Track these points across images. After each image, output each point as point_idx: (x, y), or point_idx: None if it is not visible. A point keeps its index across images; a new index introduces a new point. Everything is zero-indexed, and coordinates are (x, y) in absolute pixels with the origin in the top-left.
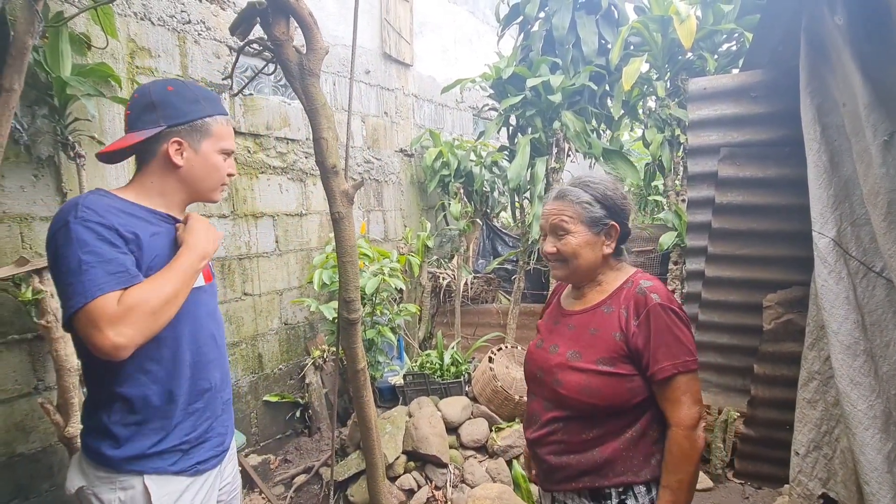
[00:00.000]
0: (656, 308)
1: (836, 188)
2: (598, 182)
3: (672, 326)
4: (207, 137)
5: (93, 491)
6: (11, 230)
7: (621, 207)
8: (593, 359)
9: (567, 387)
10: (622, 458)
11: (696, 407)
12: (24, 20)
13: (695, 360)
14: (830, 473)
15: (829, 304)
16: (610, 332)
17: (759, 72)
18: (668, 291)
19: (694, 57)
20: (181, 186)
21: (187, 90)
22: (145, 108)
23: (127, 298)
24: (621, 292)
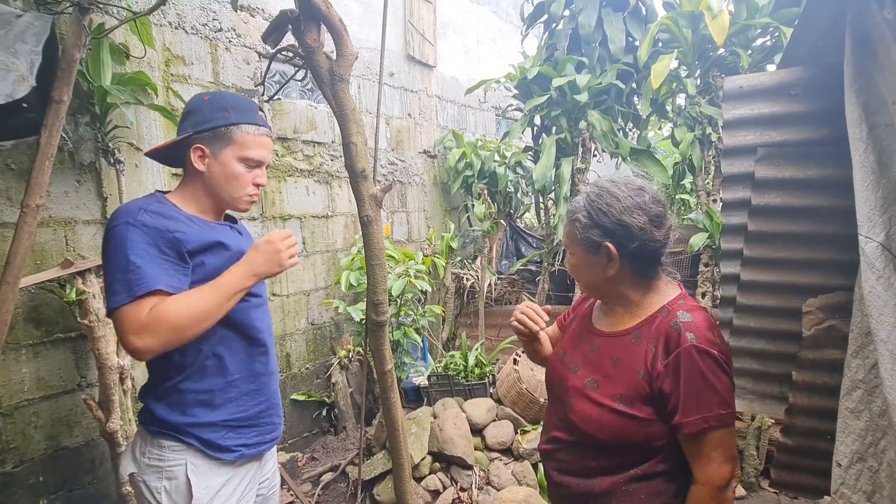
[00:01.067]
0: (689, 351)
1: (885, 190)
2: (601, 193)
3: (707, 374)
4: (229, 145)
5: (142, 478)
6: (56, 234)
7: (618, 223)
8: (610, 393)
9: (578, 414)
10: (621, 492)
11: (728, 466)
12: (73, 34)
13: (731, 414)
14: (876, 487)
15: (878, 311)
16: (634, 367)
17: (799, 69)
18: (709, 327)
19: (726, 53)
20: (206, 192)
21: (221, 100)
22: (185, 116)
23: (157, 311)
24: (654, 322)
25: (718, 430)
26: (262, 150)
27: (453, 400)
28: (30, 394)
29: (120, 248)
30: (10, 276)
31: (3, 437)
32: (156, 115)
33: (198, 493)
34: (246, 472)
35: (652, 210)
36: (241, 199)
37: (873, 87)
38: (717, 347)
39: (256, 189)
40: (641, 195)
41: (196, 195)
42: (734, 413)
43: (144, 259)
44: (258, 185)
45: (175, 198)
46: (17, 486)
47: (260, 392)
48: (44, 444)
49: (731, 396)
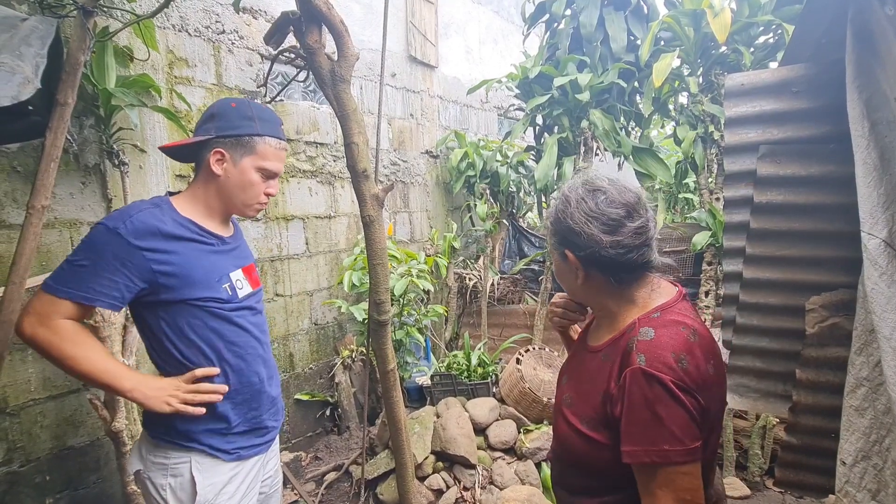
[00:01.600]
0: (635, 374)
1: (888, 187)
2: (561, 197)
3: (652, 402)
4: (250, 154)
5: (148, 476)
6: (62, 235)
7: (570, 231)
8: (579, 413)
9: (557, 431)
10: None
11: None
12: (77, 38)
13: (681, 451)
14: (881, 485)
15: (881, 308)
16: (598, 388)
17: (801, 66)
18: (672, 348)
19: (728, 51)
20: (219, 196)
21: (247, 108)
22: (207, 118)
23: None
24: (621, 338)
25: (664, 467)
26: (280, 164)
27: (456, 399)
28: (36, 394)
29: (85, 244)
30: (15, 277)
31: (10, 436)
32: (159, 117)
33: (202, 490)
34: (249, 469)
35: (606, 214)
36: (251, 206)
37: (875, 84)
38: (673, 374)
39: (266, 198)
40: (595, 197)
41: (206, 197)
42: (690, 451)
43: (96, 265)
44: (269, 194)
45: (181, 200)
46: (23, 485)
47: (256, 399)
48: (50, 444)
49: (685, 432)
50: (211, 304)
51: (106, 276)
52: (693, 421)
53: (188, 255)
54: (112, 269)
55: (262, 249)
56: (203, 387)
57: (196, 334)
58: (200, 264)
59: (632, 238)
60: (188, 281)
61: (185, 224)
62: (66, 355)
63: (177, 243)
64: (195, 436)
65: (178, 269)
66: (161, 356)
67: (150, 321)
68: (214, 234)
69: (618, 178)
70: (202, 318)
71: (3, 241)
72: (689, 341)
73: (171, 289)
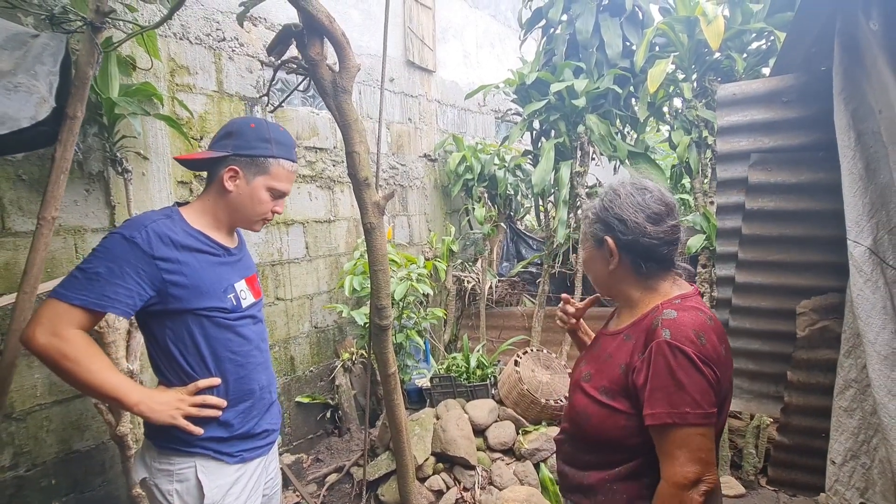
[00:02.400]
0: (661, 346)
1: (873, 196)
2: (608, 191)
3: (676, 370)
4: (263, 174)
5: (154, 482)
6: (66, 242)
7: (617, 219)
8: (598, 385)
9: (574, 405)
10: (605, 489)
11: (693, 467)
12: (86, 53)
13: (700, 415)
14: (869, 483)
15: (866, 313)
16: (619, 361)
17: (791, 76)
18: (693, 326)
19: (722, 57)
20: (227, 210)
21: (265, 130)
22: (226, 135)
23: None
24: (644, 319)
25: (683, 427)
26: (290, 185)
27: (455, 401)
28: (42, 399)
29: (100, 253)
30: (27, 286)
31: (17, 441)
32: (161, 125)
33: (209, 493)
34: (253, 471)
35: (651, 208)
36: (257, 222)
37: (861, 96)
38: (695, 347)
39: (272, 215)
40: (643, 194)
41: (215, 210)
42: (707, 415)
43: (111, 273)
44: (276, 212)
45: (190, 211)
46: (30, 488)
47: (256, 406)
48: (56, 448)
49: (704, 397)
50: (216, 313)
51: (120, 284)
52: (711, 388)
53: (197, 265)
54: (127, 277)
55: (262, 254)
56: (207, 399)
57: (199, 343)
58: (208, 275)
59: (668, 233)
60: (196, 291)
61: (195, 235)
62: (77, 367)
63: (188, 254)
64: (198, 441)
65: (188, 280)
66: (163, 364)
67: (155, 330)
68: (222, 246)
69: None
70: (206, 327)
71: (10, 249)
72: (707, 323)
73: (179, 298)
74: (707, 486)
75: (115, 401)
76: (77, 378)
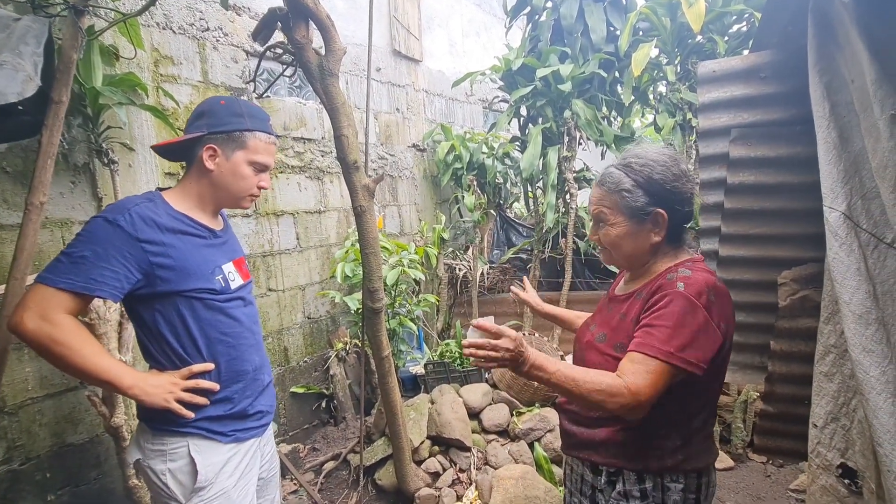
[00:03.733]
0: (676, 294)
1: (846, 163)
2: (645, 162)
3: (683, 315)
4: (241, 149)
5: (147, 463)
6: (54, 234)
7: (671, 191)
8: (613, 343)
9: (588, 364)
10: (617, 442)
11: (652, 393)
12: (69, 36)
13: (680, 359)
14: (849, 443)
15: (841, 275)
16: (632, 317)
17: (769, 52)
18: (705, 285)
19: (704, 40)
20: (212, 190)
21: (236, 106)
22: (198, 116)
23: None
24: (657, 278)
25: (655, 361)
26: (270, 157)
27: (450, 386)
28: (33, 392)
29: (84, 236)
30: (17, 273)
31: (10, 435)
32: (147, 115)
33: (202, 471)
34: (247, 451)
35: (691, 178)
36: (245, 198)
37: (835, 68)
38: (705, 301)
39: (259, 191)
40: (679, 165)
41: (199, 191)
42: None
43: (97, 256)
44: (262, 187)
45: (172, 195)
46: (24, 482)
47: (249, 387)
48: (49, 442)
49: (693, 348)
50: (205, 295)
51: (107, 267)
52: (707, 343)
53: (183, 247)
54: (112, 260)
55: (253, 245)
56: (200, 383)
57: (190, 326)
58: (194, 256)
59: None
60: (184, 273)
61: (179, 218)
62: (68, 352)
63: (172, 236)
64: (191, 421)
65: (174, 262)
66: (155, 349)
67: (144, 315)
68: (207, 228)
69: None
70: (196, 309)
71: None
72: (717, 284)
73: (166, 280)
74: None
75: (109, 384)
76: (69, 363)
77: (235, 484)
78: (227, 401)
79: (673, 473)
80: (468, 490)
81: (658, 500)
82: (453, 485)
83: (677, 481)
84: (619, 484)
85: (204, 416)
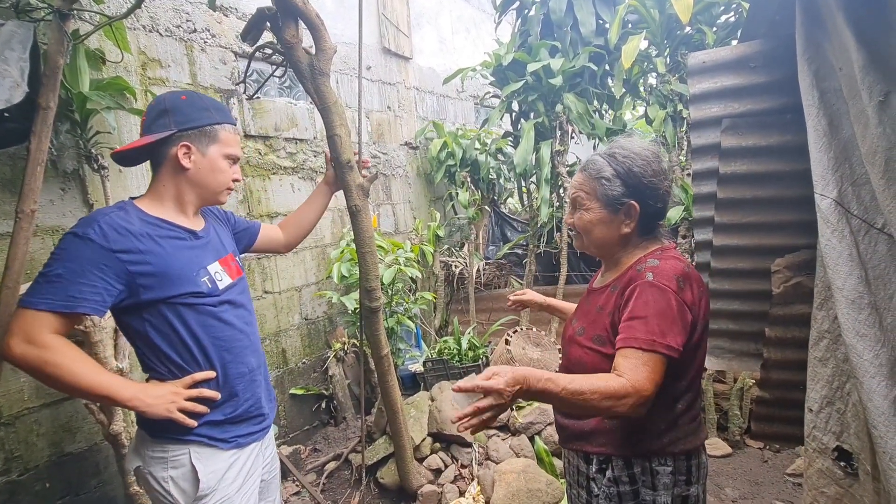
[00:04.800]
0: (643, 284)
1: (836, 150)
2: (628, 154)
3: (654, 304)
4: (215, 143)
5: (148, 470)
6: (45, 242)
7: (647, 186)
8: (591, 335)
9: (570, 358)
10: (604, 431)
11: (652, 386)
12: (55, 41)
13: (664, 345)
14: (843, 427)
15: (833, 261)
16: (607, 311)
17: (758, 42)
18: (674, 273)
19: (693, 31)
20: (190, 188)
21: (199, 99)
22: (159, 115)
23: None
24: (628, 271)
25: (647, 353)
26: (239, 148)
27: (449, 383)
28: (30, 402)
29: (57, 255)
30: (9, 282)
31: (7, 446)
32: (136, 120)
33: (204, 478)
34: (248, 456)
35: (668, 176)
36: (222, 192)
37: (823, 56)
38: (675, 287)
39: (234, 184)
40: (661, 162)
41: (176, 192)
42: (668, 348)
43: (72, 273)
44: (236, 180)
45: (145, 201)
46: (24, 493)
47: (248, 389)
48: (48, 452)
49: (672, 332)
50: (192, 299)
51: (83, 283)
52: (684, 327)
53: (162, 253)
54: (89, 275)
55: None
56: (203, 392)
57: (181, 333)
58: (176, 260)
59: (668, 191)
60: (166, 278)
61: (154, 223)
62: (60, 371)
63: (150, 242)
64: (193, 429)
65: (155, 268)
66: (151, 359)
67: (135, 326)
68: (186, 229)
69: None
70: (185, 316)
71: None
72: (686, 271)
73: (149, 288)
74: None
75: (108, 399)
76: (64, 382)
77: (238, 490)
78: (226, 405)
79: (660, 457)
80: (470, 485)
81: (648, 483)
82: (455, 481)
83: (665, 464)
84: (608, 471)
85: (205, 422)
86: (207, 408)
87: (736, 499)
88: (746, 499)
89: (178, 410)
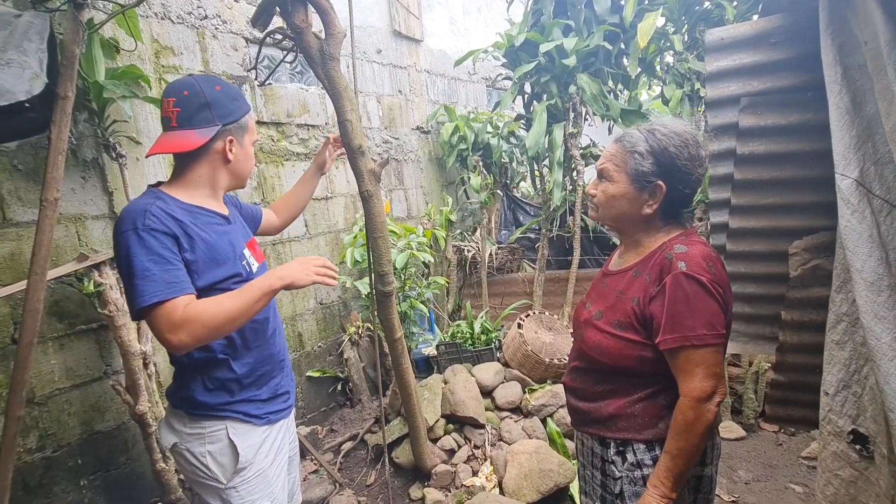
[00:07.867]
0: (677, 276)
1: (859, 129)
2: (668, 132)
3: (692, 297)
4: (247, 132)
5: (185, 447)
6: (69, 230)
7: (680, 169)
8: (611, 320)
9: (587, 342)
10: (625, 415)
11: (711, 381)
12: (71, 31)
13: (715, 336)
14: (860, 410)
15: (853, 243)
16: (630, 296)
17: (778, 17)
18: (704, 258)
19: (711, 6)
20: (228, 177)
21: (228, 88)
22: (200, 108)
23: (189, 310)
24: (653, 257)
25: (700, 349)
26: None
27: (462, 366)
28: (60, 383)
29: (134, 254)
30: (37, 267)
31: (41, 424)
32: (151, 108)
33: (242, 452)
34: (278, 432)
35: (704, 164)
36: (248, 178)
37: (847, 30)
38: (708, 275)
39: None
40: (699, 147)
41: (213, 181)
42: (720, 336)
43: (159, 264)
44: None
45: (178, 189)
46: (58, 469)
47: (275, 369)
48: (79, 430)
49: (718, 320)
50: (233, 283)
51: (170, 269)
52: (722, 311)
53: (209, 239)
54: (169, 260)
55: None
56: (327, 262)
57: None
58: (221, 243)
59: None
60: (214, 262)
61: (193, 210)
62: (217, 321)
63: (195, 229)
64: (229, 406)
65: (205, 254)
66: None
67: None
68: (221, 215)
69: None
70: None
71: (13, 239)
72: (712, 254)
73: (200, 275)
74: (720, 397)
75: (267, 297)
76: (227, 321)
77: (272, 463)
78: (259, 383)
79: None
80: (483, 465)
81: None
82: (469, 461)
83: None
84: (629, 455)
85: (240, 399)
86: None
87: (749, 481)
88: (760, 481)
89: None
